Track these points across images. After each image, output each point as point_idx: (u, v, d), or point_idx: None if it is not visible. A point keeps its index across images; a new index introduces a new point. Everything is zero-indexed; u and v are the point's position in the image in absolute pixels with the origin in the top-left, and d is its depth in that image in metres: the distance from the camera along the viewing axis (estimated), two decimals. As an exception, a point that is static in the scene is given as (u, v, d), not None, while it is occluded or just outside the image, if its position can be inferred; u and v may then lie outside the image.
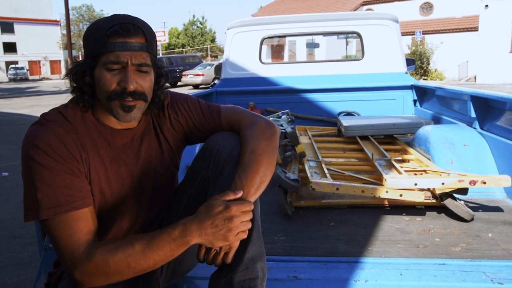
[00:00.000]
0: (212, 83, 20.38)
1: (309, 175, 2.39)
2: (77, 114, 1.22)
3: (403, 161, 2.94)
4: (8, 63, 46.43)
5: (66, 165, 1.13)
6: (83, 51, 1.25)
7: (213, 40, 55.50)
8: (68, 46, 21.63)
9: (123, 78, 1.16)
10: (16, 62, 46.96)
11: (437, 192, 2.32)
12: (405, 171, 2.50)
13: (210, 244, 1.11)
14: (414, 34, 25.05)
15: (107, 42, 1.15)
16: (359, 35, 4.56)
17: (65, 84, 1.25)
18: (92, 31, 1.19)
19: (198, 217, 1.11)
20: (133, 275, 1.11)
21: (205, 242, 1.11)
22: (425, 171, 2.59)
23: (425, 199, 2.30)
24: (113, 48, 1.14)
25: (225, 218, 1.09)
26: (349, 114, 4.45)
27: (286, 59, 31.33)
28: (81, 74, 1.20)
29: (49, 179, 1.10)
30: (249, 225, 1.14)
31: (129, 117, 1.20)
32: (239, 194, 1.15)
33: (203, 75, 23.02)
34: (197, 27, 55.68)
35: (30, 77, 46.54)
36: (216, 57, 47.61)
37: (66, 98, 1.28)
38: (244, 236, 1.14)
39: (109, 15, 1.25)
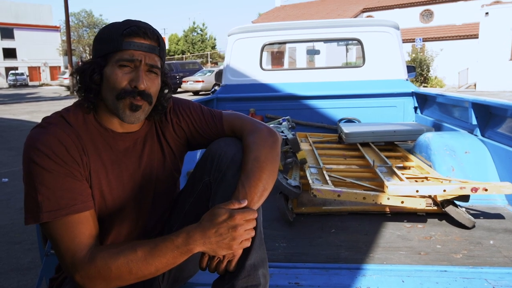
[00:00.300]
0: (212, 90, 20.41)
1: (310, 181, 2.39)
2: (79, 118, 1.22)
3: (404, 168, 2.94)
4: (8, 69, 46.49)
5: (67, 168, 1.13)
6: (84, 55, 1.26)
7: (213, 47, 55.64)
8: (68, 52, 21.68)
9: (135, 77, 1.18)
10: (16, 68, 47.02)
11: (439, 199, 2.32)
12: (407, 178, 2.50)
13: (214, 252, 1.11)
14: (414, 41, 25.12)
15: (123, 41, 1.18)
16: (360, 42, 4.58)
17: (64, 89, 1.26)
18: (107, 31, 1.22)
19: (202, 225, 1.10)
20: (134, 280, 1.11)
21: (208, 251, 1.10)
22: (426, 178, 2.59)
23: (426, 206, 2.30)
24: (128, 47, 1.18)
25: (229, 227, 1.09)
26: (349, 121, 4.46)
27: (286, 65, 31.40)
28: (90, 72, 1.21)
29: (50, 182, 1.10)
30: (253, 233, 1.14)
31: (134, 117, 1.21)
32: (244, 204, 1.15)
33: (203, 81, 23.03)
34: (197, 33, 55.84)
35: (30, 83, 46.55)
36: (216, 63, 47.71)
37: (65, 104, 1.29)
38: (248, 244, 1.14)
39: (108, 20, 1.27)
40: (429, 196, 2.35)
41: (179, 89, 24.91)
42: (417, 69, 23.05)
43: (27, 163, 1.12)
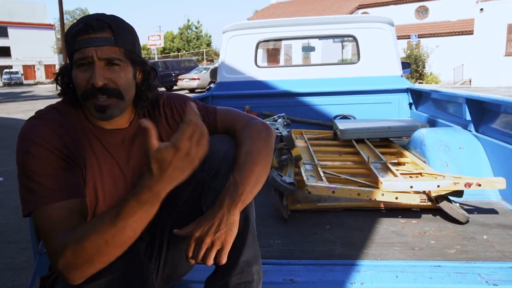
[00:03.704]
0: (207, 87, 20.37)
1: (305, 178, 2.39)
2: (71, 111, 1.23)
3: (398, 164, 2.95)
4: (2, 68, 46.27)
5: (60, 156, 1.12)
6: None
7: (208, 44, 55.49)
8: (63, 50, 21.59)
9: (91, 75, 1.16)
10: (10, 67, 46.82)
11: (433, 194, 2.33)
12: (401, 174, 2.51)
13: (182, 172, 0.99)
14: (409, 38, 25.15)
15: (75, 41, 1.16)
16: (354, 39, 4.58)
17: (55, 88, 1.26)
18: (66, 33, 1.21)
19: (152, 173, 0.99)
20: (116, 251, 1.03)
21: (176, 175, 0.99)
22: (420, 173, 2.60)
23: (420, 202, 2.31)
24: (79, 46, 1.15)
25: (183, 156, 0.97)
26: (345, 117, 4.46)
27: (282, 62, 31.38)
28: (61, 77, 1.22)
29: (43, 168, 1.09)
30: (206, 145, 1.02)
31: (105, 117, 1.20)
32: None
33: (198, 79, 22.96)
34: (193, 31, 55.71)
35: (25, 82, 46.42)
36: (211, 61, 47.58)
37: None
38: (204, 150, 1.02)
39: None
40: (424, 192, 2.36)
41: (175, 87, 24.86)
42: (413, 65, 23.09)
43: (21, 154, 1.11)
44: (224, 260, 1.13)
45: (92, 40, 1.15)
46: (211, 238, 1.12)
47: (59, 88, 1.25)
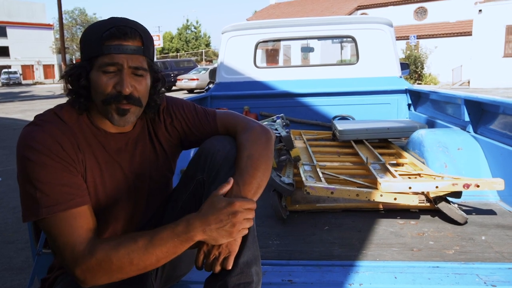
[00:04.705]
0: (206, 88, 20.37)
1: (303, 179, 2.39)
2: (72, 116, 1.21)
3: (397, 165, 2.95)
4: (0, 68, 46.15)
5: (62, 163, 1.12)
6: (78, 54, 1.24)
7: (207, 45, 55.46)
8: (62, 50, 21.55)
9: (119, 81, 1.16)
10: (9, 67, 46.69)
11: (431, 195, 2.33)
12: (400, 174, 2.51)
13: (214, 240, 1.10)
14: (408, 39, 25.18)
15: (103, 45, 1.14)
16: (353, 39, 4.58)
17: (61, 87, 1.24)
18: (89, 33, 1.19)
19: (202, 213, 1.11)
20: (135, 272, 1.10)
21: (208, 239, 1.10)
22: (419, 174, 2.60)
23: (419, 203, 2.31)
24: (109, 51, 1.14)
25: (229, 213, 1.09)
26: (343, 118, 4.46)
27: (280, 63, 31.39)
28: (76, 77, 1.19)
29: (46, 177, 1.09)
30: (251, 223, 1.14)
31: (123, 121, 1.20)
32: (231, 181, 1.17)
33: (197, 79, 22.98)
34: (192, 31, 55.67)
35: (23, 82, 46.33)
36: (210, 61, 47.52)
37: (59, 102, 1.27)
38: (246, 232, 1.14)
39: (102, 18, 1.25)
40: (422, 193, 2.36)
41: (173, 87, 24.84)
42: (411, 66, 23.13)
43: (22, 162, 1.10)
44: (230, 265, 1.14)
45: (125, 47, 1.15)
46: (218, 250, 1.13)
47: (64, 87, 1.24)
